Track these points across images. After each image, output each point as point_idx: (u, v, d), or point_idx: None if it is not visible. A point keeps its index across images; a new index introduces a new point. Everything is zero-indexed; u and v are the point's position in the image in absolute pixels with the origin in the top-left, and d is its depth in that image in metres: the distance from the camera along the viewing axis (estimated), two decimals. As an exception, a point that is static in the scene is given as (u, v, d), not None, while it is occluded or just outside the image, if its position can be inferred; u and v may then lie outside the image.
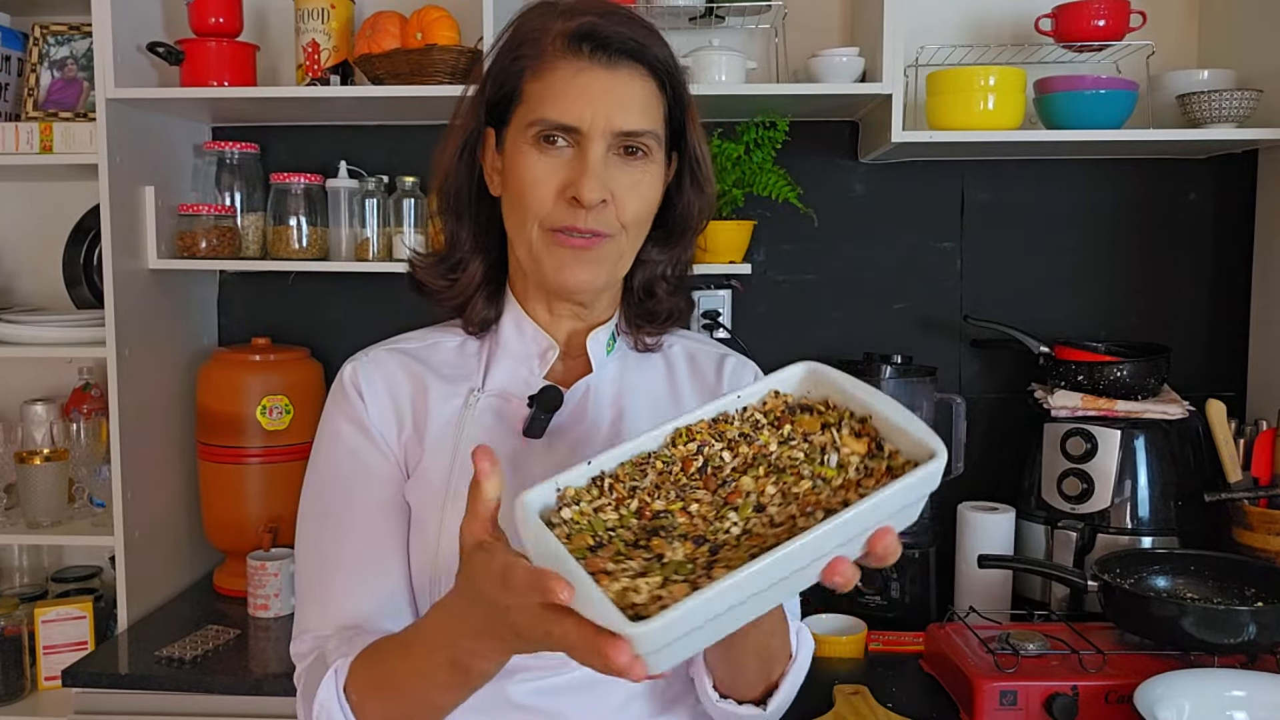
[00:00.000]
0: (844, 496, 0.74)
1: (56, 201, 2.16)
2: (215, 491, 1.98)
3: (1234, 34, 1.95)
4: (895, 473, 0.75)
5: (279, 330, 2.12)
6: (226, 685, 1.61)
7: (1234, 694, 1.35)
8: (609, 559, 0.69)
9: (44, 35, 2.04)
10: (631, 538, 0.72)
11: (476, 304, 1.07)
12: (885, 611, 1.78)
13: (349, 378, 1.05)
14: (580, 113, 0.95)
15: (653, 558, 0.69)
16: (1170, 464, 1.80)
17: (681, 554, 0.69)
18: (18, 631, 1.85)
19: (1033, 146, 1.94)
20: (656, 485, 0.78)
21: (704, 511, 0.75)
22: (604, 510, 0.75)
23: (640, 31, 0.98)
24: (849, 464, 0.77)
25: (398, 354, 1.07)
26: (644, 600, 0.64)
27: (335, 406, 1.05)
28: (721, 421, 0.83)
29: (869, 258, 2.11)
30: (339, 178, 2.01)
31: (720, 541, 0.71)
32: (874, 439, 0.79)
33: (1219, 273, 2.07)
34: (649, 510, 0.75)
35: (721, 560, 0.68)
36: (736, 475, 0.78)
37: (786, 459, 0.78)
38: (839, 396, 0.83)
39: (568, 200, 0.95)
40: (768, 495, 0.75)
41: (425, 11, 1.89)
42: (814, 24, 2.05)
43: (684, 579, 0.66)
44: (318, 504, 1.03)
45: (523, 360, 1.06)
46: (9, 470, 1.99)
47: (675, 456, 0.80)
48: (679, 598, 0.63)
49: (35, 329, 1.91)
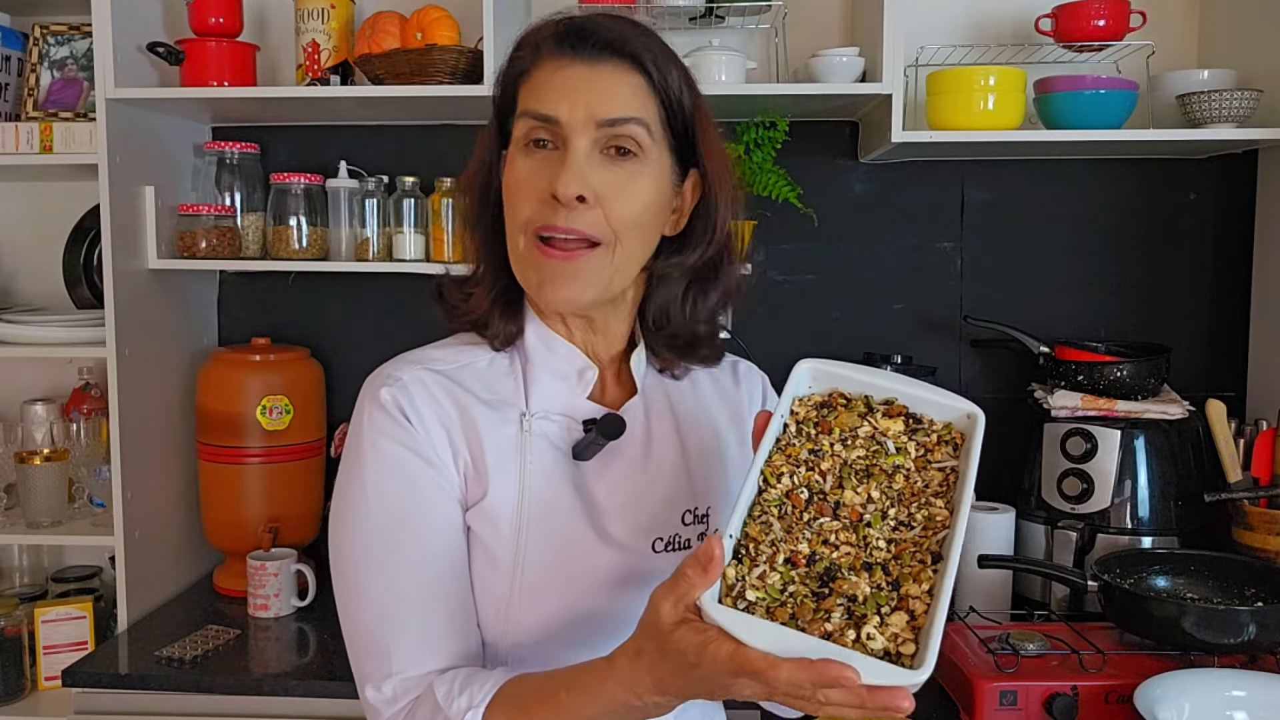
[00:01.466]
0: (933, 477, 0.82)
1: (56, 201, 2.16)
2: (215, 491, 1.97)
3: (1234, 34, 1.95)
4: (944, 438, 0.84)
5: (279, 330, 2.12)
6: (226, 685, 1.61)
7: (1234, 694, 1.35)
8: (820, 622, 0.72)
9: (44, 35, 2.04)
10: (805, 590, 0.75)
11: (494, 319, 1.01)
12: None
13: (390, 402, 0.95)
14: (558, 104, 0.92)
15: (845, 600, 0.74)
16: (1170, 464, 1.80)
17: (866, 587, 0.74)
18: (18, 631, 1.85)
19: (1033, 146, 1.94)
20: (786, 530, 0.79)
21: (844, 538, 0.78)
22: (766, 575, 0.76)
23: (626, 28, 0.95)
24: (904, 446, 0.84)
25: (432, 374, 0.98)
26: (881, 646, 0.70)
27: (378, 430, 0.95)
28: (787, 447, 0.85)
29: (869, 258, 2.11)
30: (339, 178, 2.01)
31: (883, 561, 0.76)
32: (906, 414, 0.86)
33: (1219, 273, 2.07)
34: (800, 557, 0.77)
35: (901, 577, 0.74)
36: (839, 493, 0.81)
37: (859, 461, 0.83)
38: (846, 385, 0.89)
39: (547, 200, 0.92)
40: (878, 501, 0.80)
41: (425, 11, 1.89)
42: (814, 24, 2.05)
43: (890, 608, 0.73)
44: (376, 537, 0.93)
45: (561, 378, 1.01)
46: (9, 470, 1.99)
47: (780, 496, 0.81)
48: (904, 626, 0.71)
49: (35, 329, 1.91)
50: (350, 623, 0.95)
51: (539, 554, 0.95)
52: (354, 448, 0.96)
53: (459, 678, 0.89)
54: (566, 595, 0.96)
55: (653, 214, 0.97)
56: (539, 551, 0.95)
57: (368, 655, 0.93)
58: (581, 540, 0.96)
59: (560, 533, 0.96)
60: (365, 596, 0.93)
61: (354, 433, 0.97)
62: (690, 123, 0.99)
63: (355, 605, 0.94)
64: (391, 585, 0.92)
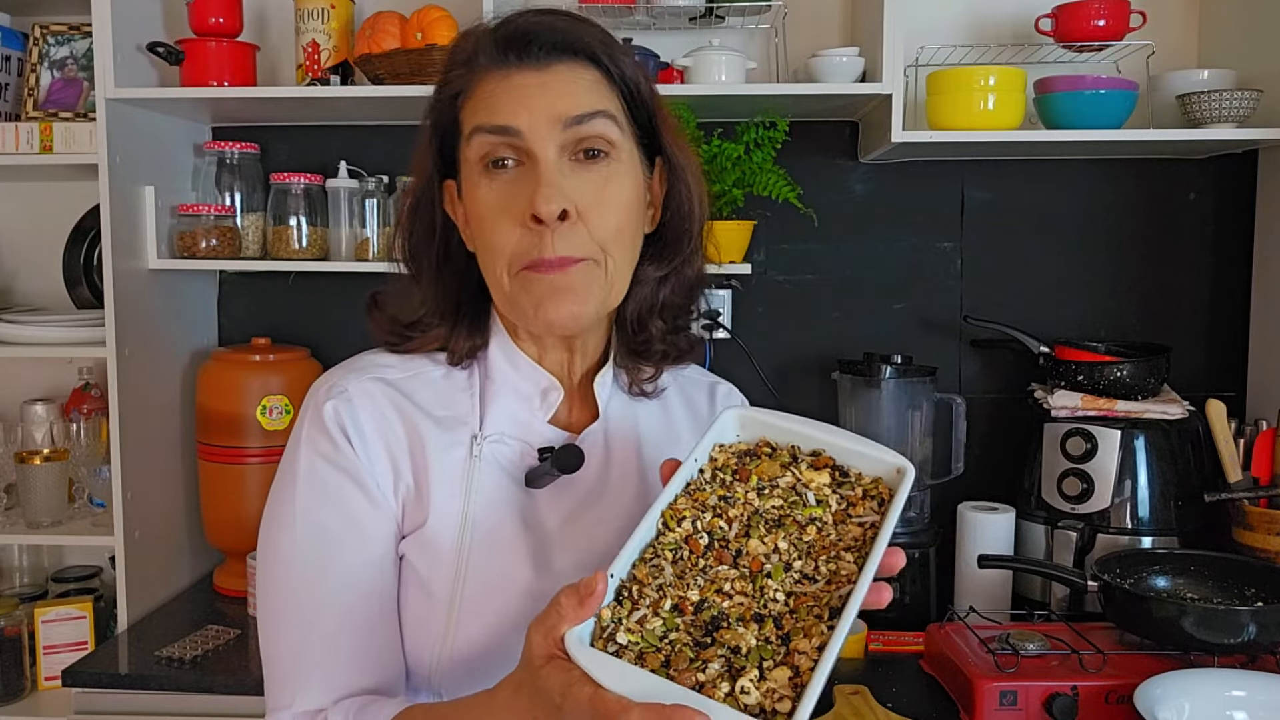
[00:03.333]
0: (849, 531, 0.77)
1: (56, 201, 2.16)
2: (215, 491, 1.97)
3: (1234, 34, 1.95)
4: (870, 493, 0.80)
5: (279, 330, 2.12)
6: (226, 685, 1.61)
7: (1234, 694, 1.35)
8: (693, 671, 0.68)
9: (44, 35, 2.04)
10: (688, 638, 0.71)
11: (458, 339, 0.95)
12: (885, 611, 1.75)
13: (331, 419, 0.90)
14: (515, 113, 0.84)
15: (727, 652, 0.69)
16: (1170, 464, 1.80)
17: (753, 639, 0.70)
18: (18, 631, 1.85)
19: (1033, 146, 1.94)
20: (679, 576, 0.75)
21: (740, 587, 0.74)
22: (646, 620, 0.72)
23: (569, 23, 0.88)
24: (826, 498, 0.80)
25: (382, 385, 0.92)
26: (755, 701, 0.66)
27: (314, 449, 0.90)
28: (695, 492, 0.80)
29: (869, 258, 2.11)
30: (339, 178, 2.01)
31: (777, 613, 0.72)
32: (833, 467, 0.82)
33: (1219, 273, 2.07)
34: (688, 604, 0.73)
35: (793, 631, 0.70)
36: (743, 540, 0.77)
37: (773, 510, 0.79)
38: (774, 434, 0.85)
39: (528, 225, 0.84)
40: (785, 552, 0.76)
41: (425, 11, 1.90)
42: (814, 24, 2.05)
43: (774, 662, 0.68)
44: (298, 561, 0.88)
45: (522, 400, 0.95)
46: (9, 470, 1.99)
47: (678, 540, 0.77)
48: (784, 682, 0.66)
49: (35, 329, 1.91)
50: (264, 646, 0.90)
51: (478, 585, 0.89)
52: (289, 462, 0.92)
53: (354, 706, 0.86)
54: (504, 628, 0.89)
55: (634, 216, 0.91)
56: (478, 582, 0.89)
57: (274, 683, 0.89)
58: (523, 573, 0.90)
59: (502, 565, 0.90)
60: (280, 623, 0.89)
61: (292, 445, 0.92)
62: (651, 111, 0.92)
63: (270, 629, 0.90)
64: (306, 616, 0.88)
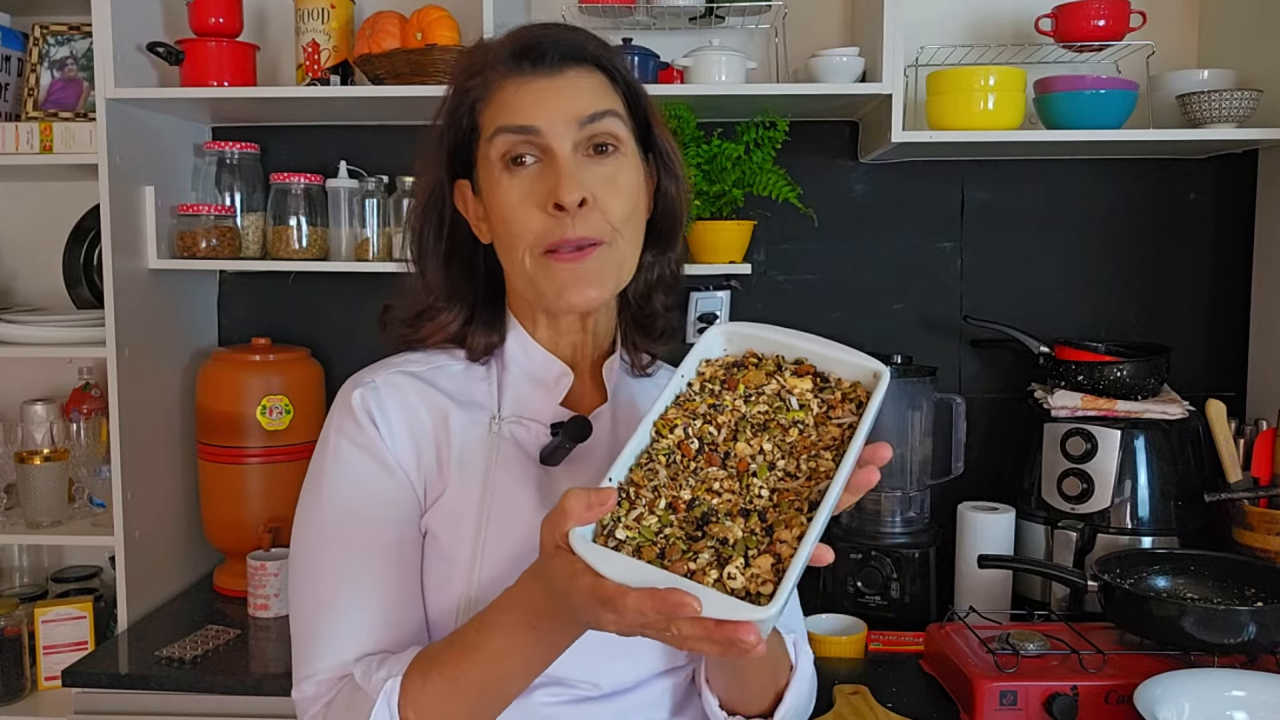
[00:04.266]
0: (828, 431, 0.83)
1: (56, 201, 2.16)
2: (215, 491, 1.98)
3: (1234, 34, 1.95)
4: (849, 396, 0.86)
5: (279, 330, 2.12)
6: (226, 685, 1.61)
7: (1234, 694, 1.35)
8: (685, 560, 0.74)
9: (44, 35, 2.04)
10: (681, 533, 0.77)
11: (475, 335, 1.04)
12: (885, 611, 1.78)
13: (358, 404, 0.98)
14: (534, 114, 0.94)
15: (716, 543, 0.75)
16: (1170, 464, 1.80)
17: (739, 531, 0.76)
18: (18, 631, 1.85)
19: (1033, 146, 1.94)
20: (672, 478, 0.81)
21: (728, 486, 0.80)
22: (643, 518, 0.78)
23: (578, 35, 0.99)
24: (808, 403, 0.86)
25: (406, 377, 1.01)
26: (741, 585, 0.72)
27: (341, 434, 0.98)
28: (685, 402, 0.87)
29: (869, 258, 2.11)
30: (339, 178, 2.01)
31: (761, 508, 0.78)
32: (815, 373, 0.89)
33: (1219, 273, 2.07)
34: (680, 502, 0.79)
35: (775, 523, 0.76)
36: (731, 444, 0.83)
37: (759, 415, 0.85)
38: (760, 345, 0.91)
39: (550, 212, 0.94)
40: (769, 453, 0.82)
41: (425, 11, 1.89)
42: (814, 24, 2.05)
43: (757, 551, 0.74)
44: (324, 535, 0.96)
45: (537, 385, 1.04)
46: (9, 470, 1.99)
47: (671, 445, 0.84)
48: (767, 569, 0.72)
49: (35, 329, 1.91)
50: (291, 620, 0.97)
51: (497, 554, 0.95)
52: (320, 448, 1.00)
53: (377, 658, 0.90)
54: None
55: (640, 203, 1.00)
56: (497, 551, 0.95)
57: (299, 653, 0.95)
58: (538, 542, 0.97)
59: (521, 535, 0.95)
60: (305, 594, 0.95)
61: (323, 434, 1.01)
62: (645, 110, 1.02)
63: (296, 602, 0.97)
64: (330, 584, 0.94)
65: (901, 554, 1.78)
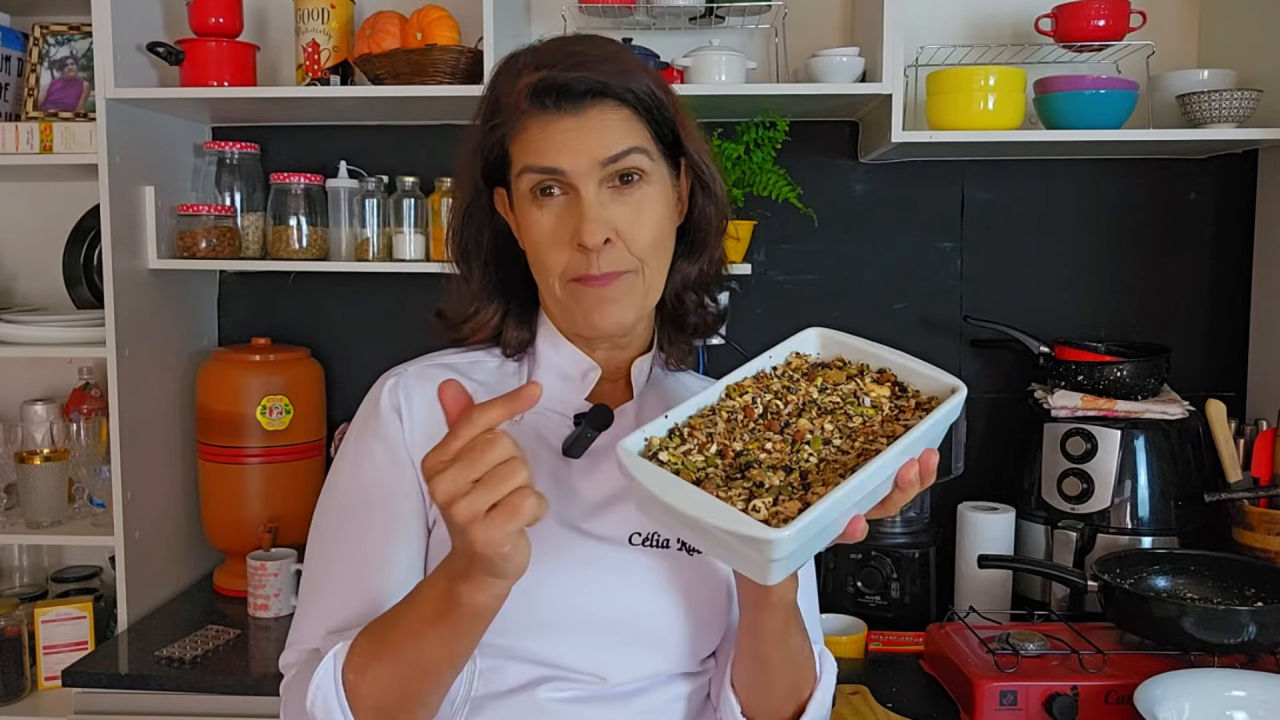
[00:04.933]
0: (892, 429, 0.84)
1: (56, 201, 2.16)
2: (215, 491, 1.97)
3: (1234, 34, 1.95)
4: (923, 405, 0.87)
5: (279, 330, 2.12)
6: (226, 685, 1.61)
7: (1234, 694, 1.35)
8: (716, 489, 0.77)
9: (44, 35, 2.04)
10: (723, 476, 0.80)
11: (509, 329, 1.07)
12: (885, 611, 1.78)
13: (386, 394, 1.02)
14: (558, 156, 0.96)
15: (752, 485, 0.78)
16: (1170, 464, 1.80)
17: (779, 480, 0.78)
18: (18, 631, 1.85)
19: (1033, 146, 1.94)
20: (729, 431, 0.85)
21: (779, 447, 0.83)
22: (690, 454, 0.82)
23: (601, 68, 0.96)
24: (881, 405, 0.88)
25: (440, 369, 1.05)
26: (764, 516, 0.74)
27: (365, 424, 1.02)
28: (763, 378, 0.91)
29: (869, 258, 2.11)
30: (339, 178, 2.01)
31: (805, 469, 0.80)
32: (895, 383, 0.91)
33: (1219, 273, 2.07)
34: (730, 450, 0.82)
35: (813, 483, 0.77)
36: (793, 418, 0.86)
37: (830, 403, 0.88)
38: (849, 353, 0.94)
39: (576, 248, 0.96)
40: (828, 431, 0.84)
41: (425, 11, 1.89)
42: (814, 24, 2.05)
43: (789, 498, 0.76)
44: (331, 519, 1.01)
45: (564, 378, 1.06)
46: (9, 470, 1.99)
47: (736, 406, 0.87)
48: (794, 511, 0.73)
49: (35, 329, 1.91)
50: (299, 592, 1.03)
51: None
52: (348, 435, 1.05)
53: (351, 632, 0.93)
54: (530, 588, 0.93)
55: (667, 225, 1.02)
56: None
57: (294, 621, 1.01)
58: (551, 532, 0.98)
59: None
60: (308, 570, 1.01)
61: (354, 420, 1.05)
62: (673, 123, 1.02)
63: (303, 576, 1.03)
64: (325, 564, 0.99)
65: (901, 554, 1.78)
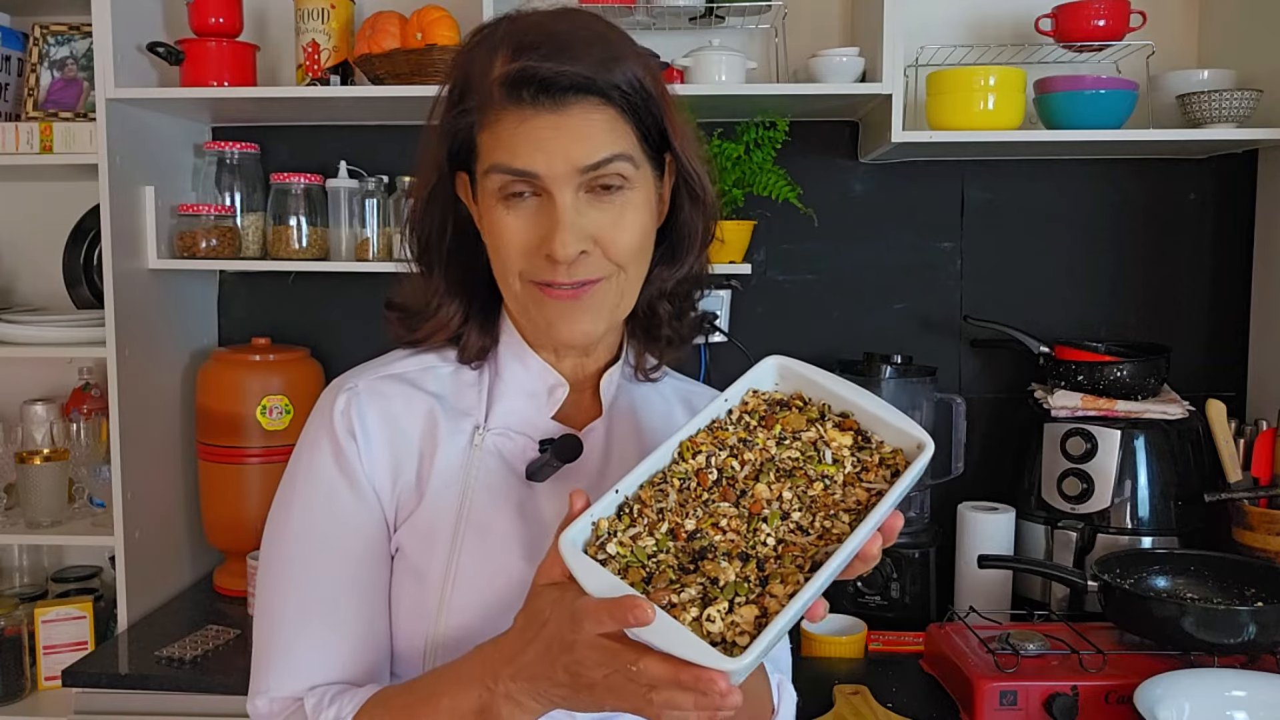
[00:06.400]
0: (854, 494, 0.79)
1: (56, 201, 2.16)
2: (215, 491, 1.97)
3: (1234, 34, 1.95)
4: (887, 462, 0.81)
5: (279, 330, 2.12)
6: (226, 685, 1.61)
7: (1234, 694, 1.35)
8: (669, 591, 0.71)
9: (44, 35, 2.04)
10: (675, 562, 0.74)
11: (470, 335, 0.98)
12: (885, 611, 1.78)
13: (339, 417, 0.93)
14: (532, 157, 0.85)
15: (706, 581, 0.72)
16: (1170, 464, 1.80)
17: (733, 574, 0.72)
18: (18, 631, 1.85)
19: (1033, 146, 1.94)
20: (680, 504, 0.78)
21: (735, 525, 0.77)
22: (640, 538, 0.76)
23: (587, 56, 0.86)
24: (843, 459, 0.81)
25: (392, 381, 0.97)
26: (719, 630, 0.69)
27: (318, 444, 0.94)
28: (718, 429, 0.84)
29: (869, 258, 2.11)
30: (339, 178, 2.01)
31: (763, 556, 0.74)
32: (857, 430, 0.84)
33: (1219, 273, 2.07)
34: (682, 531, 0.76)
35: (771, 574, 0.72)
36: (751, 483, 0.80)
37: (789, 460, 0.81)
38: (811, 390, 0.87)
39: (544, 257, 0.87)
40: (787, 501, 0.78)
41: (425, 11, 1.89)
42: (814, 24, 2.05)
43: (745, 599, 0.71)
44: (286, 550, 0.93)
45: (529, 396, 0.98)
46: (9, 470, 1.99)
47: (689, 471, 0.81)
48: (749, 620, 0.69)
49: (35, 329, 1.91)
50: (255, 624, 0.95)
51: (469, 572, 0.91)
52: (295, 458, 0.96)
53: (331, 691, 0.88)
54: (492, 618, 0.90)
55: (648, 231, 0.93)
56: (469, 570, 0.91)
57: (257, 664, 0.92)
58: (515, 563, 0.92)
59: (494, 554, 0.92)
60: (268, 606, 0.93)
61: (302, 438, 0.97)
62: (661, 121, 0.92)
63: (260, 610, 0.94)
64: (284, 599, 0.91)
65: (901, 554, 1.78)
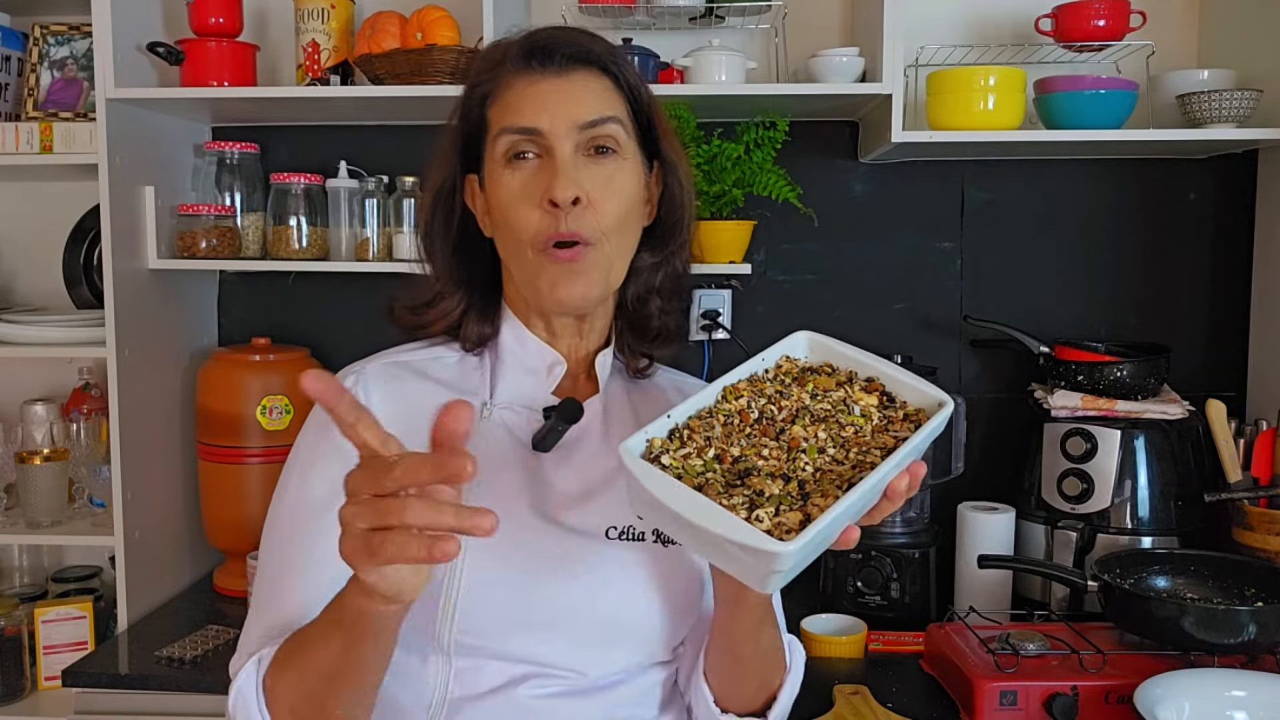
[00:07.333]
0: (883, 440, 0.85)
1: (56, 201, 2.16)
2: (215, 491, 1.97)
3: (1234, 34, 1.95)
4: (911, 418, 0.87)
5: (279, 330, 2.12)
6: (226, 685, 1.59)
7: (1234, 694, 1.35)
8: (719, 497, 0.77)
9: (44, 35, 2.04)
10: (723, 482, 0.80)
11: (469, 324, 1.07)
12: (885, 611, 1.78)
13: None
14: (538, 116, 0.97)
15: (752, 493, 0.78)
16: (1170, 464, 1.80)
17: (778, 489, 0.79)
18: (18, 631, 1.85)
19: (1033, 146, 1.94)
20: (726, 435, 0.85)
21: (776, 455, 0.83)
22: (690, 458, 0.82)
23: (583, 38, 1.01)
24: (870, 414, 0.88)
25: (399, 367, 1.05)
26: (767, 527, 0.74)
27: (323, 425, 1.00)
28: (757, 380, 0.91)
29: (869, 258, 2.11)
30: (339, 178, 2.01)
31: (803, 478, 0.81)
32: (883, 393, 0.91)
33: (1219, 273, 2.07)
34: (728, 456, 0.83)
35: (811, 491, 0.79)
36: (788, 425, 0.86)
37: (822, 410, 0.88)
38: (838, 359, 0.95)
39: (545, 208, 0.96)
40: (822, 439, 0.85)
41: (425, 11, 1.90)
42: (814, 24, 2.05)
43: (790, 508, 0.77)
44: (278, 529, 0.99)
45: (530, 373, 1.06)
46: (9, 470, 1.99)
47: (732, 410, 0.88)
48: (794, 522, 0.75)
49: (35, 329, 1.91)
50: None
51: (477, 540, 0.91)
52: (302, 434, 1.03)
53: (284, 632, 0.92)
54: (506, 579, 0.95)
55: (635, 207, 1.02)
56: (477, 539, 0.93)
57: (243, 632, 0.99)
58: (528, 524, 0.97)
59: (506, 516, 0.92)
60: (260, 574, 1.00)
61: (309, 419, 1.04)
62: (650, 117, 1.05)
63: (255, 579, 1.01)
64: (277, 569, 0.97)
65: (901, 554, 1.78)
